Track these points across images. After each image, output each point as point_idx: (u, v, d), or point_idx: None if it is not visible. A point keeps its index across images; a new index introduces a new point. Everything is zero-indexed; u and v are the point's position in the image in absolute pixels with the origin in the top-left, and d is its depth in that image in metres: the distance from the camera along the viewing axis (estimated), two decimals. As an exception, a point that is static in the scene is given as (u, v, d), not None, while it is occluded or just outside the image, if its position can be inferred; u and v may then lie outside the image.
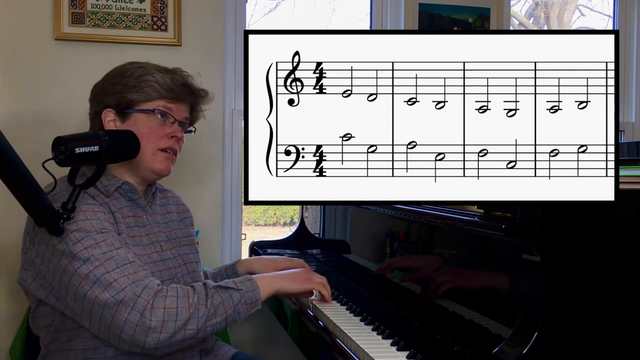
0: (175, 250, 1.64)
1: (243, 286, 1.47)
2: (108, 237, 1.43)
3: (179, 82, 1.63)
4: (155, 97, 1.59)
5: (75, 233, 1.41)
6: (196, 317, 1.39)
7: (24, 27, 2.28)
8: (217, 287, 1.44)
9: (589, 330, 1.09)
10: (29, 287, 1.52)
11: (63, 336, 1.49)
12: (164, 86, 1.59)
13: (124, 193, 1.59)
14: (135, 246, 1.53)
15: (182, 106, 1.65)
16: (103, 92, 1.62)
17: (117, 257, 1.40)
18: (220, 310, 1.42)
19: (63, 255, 1.41)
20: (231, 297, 1.44)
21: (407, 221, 1.62)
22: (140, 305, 1.35)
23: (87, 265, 1.38)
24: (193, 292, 1.41)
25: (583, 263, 1.10)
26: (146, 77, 1.59)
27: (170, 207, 1.75)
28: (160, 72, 1.62)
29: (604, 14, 3.35)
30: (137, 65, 1.63)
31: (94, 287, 1.37)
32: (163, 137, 1.60)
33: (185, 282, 1.61)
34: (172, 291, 1.40)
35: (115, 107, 1.59)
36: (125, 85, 1.59)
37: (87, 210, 1.46)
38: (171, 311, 1.36)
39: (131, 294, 1.36)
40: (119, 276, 1.38)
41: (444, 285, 1.42)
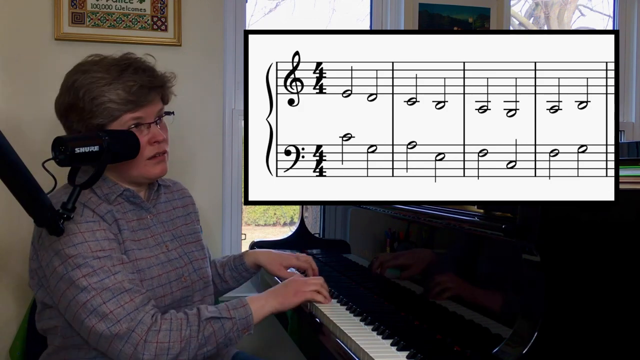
0: (181, 249, 1.64)
1: (236, 314, 1.48)
2: (106, 262, 1.43)
3: (135, 87, 1.50)
4: (119, 115, 1.49)
5: (73, 259, 1.42)
6: (188, 349, 1.42)
7: (24, 27, 2.28)
8: (209, 319, 1.45)
9: (589, 330, 1.09)
10: (36, 295, 1.56)
11: (73, 340, 1.51)
12: (120, 102, 1.49)
13: (127, 198, 1.58)
14: (141, 249, 1.54)
15: (150, 106, 1.55)
16: (67, 116, 1.54)
17: (113, 287, 1.41)
18: (212, 340, 1.45)
19: (62, 280, 1.43)
20: (223, 327, 1.46)
21: (407, 221, 1.62)
22: (134, 340, 1.38)
23: (85, 294, 1.40)
24: (186, 325, 1.43)
25: (583, 263, 1.10)
26: (99, 99, 1.48)
27: (176, 203, 1.74)
28: (109, 84, 1.49)
29: (604, 14, 3.35)
30: (86, 82, 1.50)
31: (90, 316, 1.39)
32: (146, 147, 1.54)
33: (192, 280, 1.62)
34: (166, 324, 1.41)
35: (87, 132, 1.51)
36: (83, 110, 1.49)
37: (86, 230, 1.46)
38: (163, 345, 1.39)
39: (125, 328, 1.38)
40: (114, 307, 1.39)
41: (444, 285, 1.42)
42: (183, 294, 1.59)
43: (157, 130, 1.57)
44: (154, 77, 1.57)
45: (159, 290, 1.52)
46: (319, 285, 1.64)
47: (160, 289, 1.53)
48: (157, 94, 1.58)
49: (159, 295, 1.52)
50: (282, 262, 1.85)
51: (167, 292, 1.54)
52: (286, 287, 1.62)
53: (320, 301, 1.62)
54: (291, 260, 1.86)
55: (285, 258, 1.87)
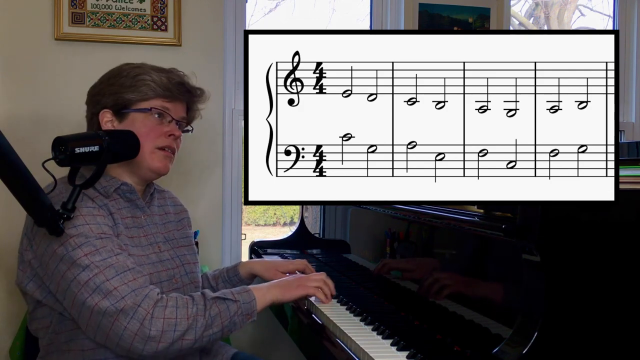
0: (173, 252, 1.65)
1: (240, 297, 1.48)
2: (107, 243, 1.44)
3: (175, 80, 1.63)
4: (151, 96, 1.59)
5: (74, 238, 1.42)
6: (194, 327, 1.40)
7: (24, 27, 2.28)
8: (215, 298, 1.45)
9: (589, 330, 1.09)
10: (26, 289, 1.53)
11: (62, 337, 1.49)
12: (160, 85, 1.60)
13: (123, 194, 1.59)
14: (134, 247, 1.54)
15: (179, 105, 1.65)
16: (99, 93, 1.61)
17: (117, 265, 1.41)
18: (217, 321, 1.43)
19: (62, 261, 1.42)
20: (228, 309, 1.45)
21: (407, 221, 1.62)
22: (141, 315, 1.36)
23: (87, 273, 1.39)
24: (192, 303, 1.42)
25: (583, 263, 1.10)
26: (142, 76, 1.59)
27: (168, 208, 1.75)
28: (156, 71, 1.62)
29: (604, 14, 3.35)
30: (133, 66, 1.63)
31: (93, 294, 1.38)
32: (161, 136, 1.60)
33: (183, 282, 1.62)
34: (172, 301, 1.41)
35: (112, 107, 1.59)
36: (121, 85, 1.59)
37: (87, 214, 1.46)
38: (170, 321, 1.38)
39: (131, 303, 1.37)
40: (118, 284, 1.38)
41: (444, 285, 1.42)
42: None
43: (177, 128, 1.64)
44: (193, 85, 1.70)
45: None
46: (322, 281, 1.64)
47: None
48: (188, 100, 1.69)
49: None
50: (278, 268, 1.84)
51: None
52: (289, 280, 1.63)
53: (320, 298, 1.62)
54: (287, 266, 1.86)
55: (280, 264, 1.87)
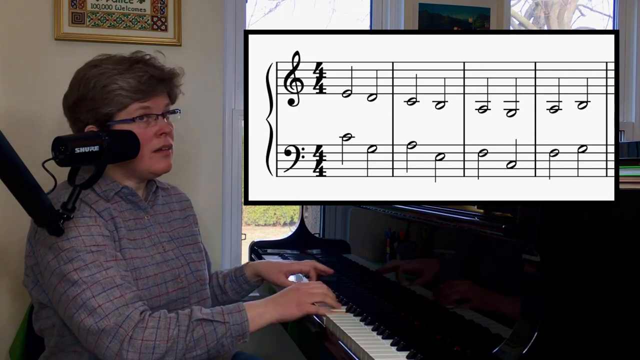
0: (177, 250, 1.64)
1: (231, 319, 1.42)
2: (98, 257, 1.43)
3: (145, 77, 1.54)
4: (128, 103, 1.53)
5: (66, 252, 1.42)
6: (174, 350, 1.37)
7: (24, 27, 2.28)
8: (200, 320, 1.40)
9: (589, 330, 1.09)
10: (31, 292, 1.55)
11: (67, 340, 1.51)
12: (131, 90, 1.52)
13: (124, 197, 1.58)
14: (137, 249, 1.54)
15: (158, 98, 1.58)
16: (75, 109, 1.56)
17: (104, 281, 1.40)
18: (202, 344, 1.39)
19: (54, 274, 1.43)
20: (215, 331, 1.40)
21: (407, 221, 1.62)
22: (121, 336, 1.35)
23: (75, 288, 1.39)
24: (175, 324, 1.38)
25: (583, 263, 1.10)
26: (110, 86, 1.52)
27: (173, 206, 1.74)
28: (120, 73, 1.53)
29: (604, 14, 3.35)
30: (97, 73, 1.54)
31: (79, 310, 1.38)
32: (152, 139, 1.56)
33: (189, 281, 1.62)
34: (153, 322, 1.38)
35: (94, 123, 1.54)
36: (93, 99, 1.52)
37: (81, 225, 1.45)
38: (149, 344, 1.35)
39: (112, 323, 1.36)
40: (103, 301, 1.38)
41: (444, 285, 1.42)
42: (179, 294, 1.58)
43: (164, 122, 1.59)
44: (164, 70, 1.61)
45: (154, 290, 1.52)
46: (324, 294, 1.55)
47: (156, 288, 1.52)
48: (165, 88, 1.61)
49: (154, 294, 1.52)
50: (282, 269, 1.79)
51: (162, 292, 1.54)
52: (287, 296, 1.52)
53: (325, 314, 1.53)
54: (291, 266, 1.82)
55: (285, 265, 1.82)
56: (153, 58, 1.61)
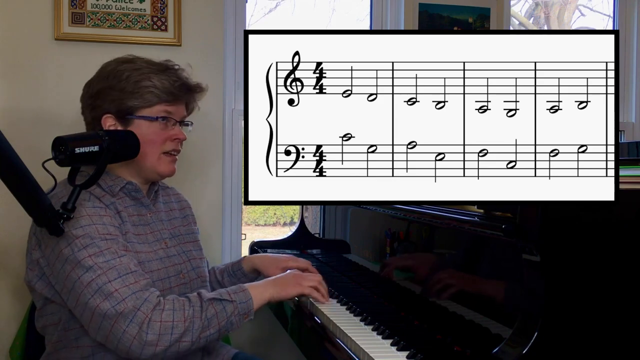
0: (179, 247, 1.67)
1: (237, 297, 1.48)
2: (112, 245, 1.44)
3: (178, 83, 1.62)
4: (155, 103, 1.58)
5: (80, 239, 1.43)
6: (191, 330, 1.40)
7: (24, 27, 2.28)
8: (211, 300, 1.45)
9: (589, 330, 1.09)
10: (35, 287, 1.54)
11: (71, 334, 1.51)
12: (163, 90, 1.58)
13: (128, 192, 1.60)
14: (141, 244, 1.56)
15: (180, 106, 1.65)
16: (99, 97, 1.59)
17: (119, 266, 1.42)
18: (214, 322, 1.44)
19: (67, 262, 1.43)
20: (225, 309, 1.45)
21: (407, 221, 1.62)
22: (139, 319, 1.37)
23: (90, 274, 1.40)
24: (189, 305, 1.42)
25: (583, 263, 1.10)
26: (144, 82, 1.57)
27: (173, 205, 1.77)
28: (155, 73, 1.59)
29: (604, 14, 3.35)
30: (131, 67, 1.59)
31: (95, 295, 1.39)
32: (167, 141, 1.61)
33: (190, 277, 1.64)
34: (169, 304, 1.41)
35: (115, 113, 1.57)
36: (122, 90, 1.56)
37: (93, 214, 1.47)
38: (167, 325, 1.38)
39: (131, 306, 1.37)
40: (120, 286, 1.39)
41: (444, 285, 1.42)
42: (181, 290, 1.60)
43: (180, 130, 1.65)
44: (192, 82, 1.68)
45: (158, 285, 1.53)
46: (318, 282, 1.64)
47: (160, 283, 1.54)
48: (189, 99, 1.68)
49: (158, 289, 1.52)
50: (278, 264, 1.83)
51: (165, 287, 1.55)
52: (285, 277, 1.63)
53: (317, 298, 1.62)
54: (288, 262, 1.85)
55: (281, 260, 1.86)
56: (182, 69, 1.67)
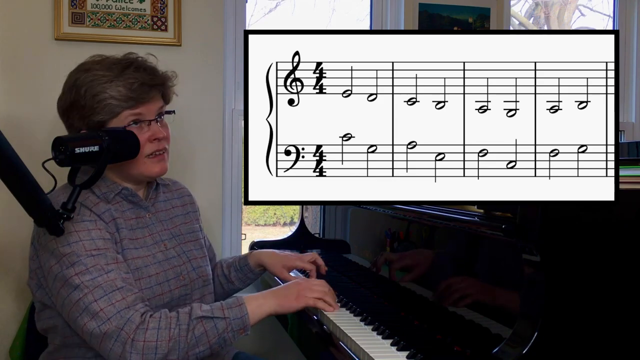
0: (179, 248, 1.65)
1: (231, 313, 1.43)
2: (99, 260, 1.43)
3: (135, 85, 1.52)
4: (119, 112, 1.51)
5: (67, 257, 1.43)
6: (177, 349, 1.38)
7: (24, 27, 2.28)
8: (200, 318, 1.41)
9: (589, 330, 1.09)
10: (36, 294, 1.55)
11: (72, 340, 1.52)
12: (121, 98, 1.51)
13: (125, 197, 1.59)
14: (139, 248, 1.54)
15: (150, 103, 1.56)
16: (69, 114, 1.55)
17: (105, 284, 1.41)
18: (203, 340, 1.40)
19: (56, 279, 1.44)
20: (216, 327, 1.41)
21: (407, 221, 1.62)
22: (123, 338, 1.37)
23: (77, 292, 1.40)
24: (175, 323, 1.39)
25: (583, 263, 1.10)
26: (100, 95, 1.50)
27: (175, 202, 1.74)
28: (110, 81, 1.51)
29: (604, 14, 3.35)
30: (87, 80, 1.52)
31: (82, 314, 1.39)
32: (145, 144, 1.54)
33: (191, 278, 1.62)
34: (154, 322, 1.39)
35: (88, 130, 1.53)
36: (84, 107, 1.51)
37: (81, 229, 1.46)
38: (150, 345, 1.37)
39: (114, 327, 1.37)
40: (105, 305, 1.39)
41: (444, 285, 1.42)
42: (182, 292, 1.59)
43: (158, 127, 1.58)
44: (155, 75, 1.59)
45: (156, 289, 1.53)
46: (324, 292, 1.56)
47: (158, 287, 1.53)
48: (158, 92, 1.60)
49: (157, 293, 1.53)
50: (285, 263, 1.80)
51: (165, 290, 1.54)
52: (288, 288, 1.54)
53: (323, 308, 1.55)
54: (294, 262, 1.82)
55: (288, 259, 1.82)
56: (144, 60, 1.59)
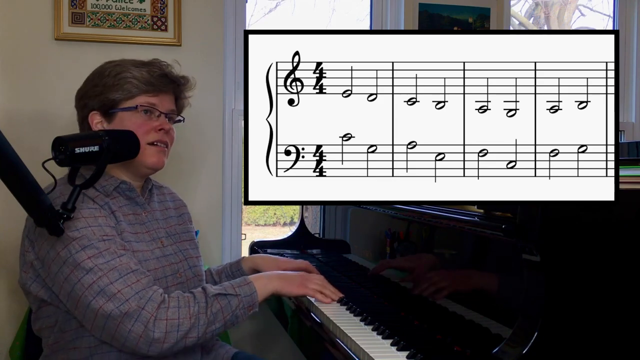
0: (175, 246, 1.66)
1: (241, 291, 1.49)
2: (110, 245, 1.44)
3: (157, 73, 1.62)
4: (136, 94, 1.59)
5: (77, 241, 1.42)
6: (197, 325, 1.42)
7: (24, 27, 2.28)
8: (216, 295, 1.46)
9: (589, 330, 1.09)
10: (30, 289, 1.53)
11: (68, 335, 1.50)
12: (142, 80, 1.59)
13: (122, 192, 1.60)
14: (138, 242, 1.55)
15: (165, 98, 1.64)
16: (85, 96, 1.62)
17: (120, 267, 1.42)
18: (220, 317, 1.45)
19: (65, 264, 1.42)
20: (230, 303, 1.47)
21: (407, 221, 1.62)
22: (145, 318, 1.38)
23: (91, 275, 1.40)
24: (194, 301, 1.43)
25: (583, 263, 1.10)
26: (123, 74, 1.59)
27: (168, 204, 1.77)
28: (136, 66, 1.61)
29: (604, 14, 3.35)
30: (114, 64, 1.62)
31: (97, 297, 1.39)
32: (150, 131, 1.59)
33: (187, 277, 1.64)
34: (174, 301, 1.42)
35: (99, 109, 1.59)
36: (104, 85, 1.59)
37: (89, 216, 1.47)
38: (173, 322, 1.39)
39: (135, 306, 1.38)
40: (122, 287, 1.39)
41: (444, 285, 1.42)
42: (178, 289, 1.59)
43: (165, 121, 1.63)
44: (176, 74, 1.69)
45: (155, 284, 1.52)
46: (322, 286, 1.65)
47: (157, 282, 1.53)
48: (174, 91, 1.68)
49: None
50: (280, 266, 1.84)
51: (162, 286, 1.55)
52: (292, 275, 1.64)
53: (320, 300, 1.63)
54: (287, 264, 1.86)
55: (281, 262, 1.87)
56: (168, 64, 1.68)
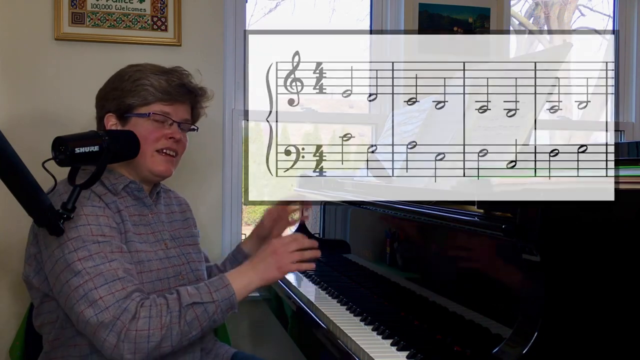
0: (179, 249, 1.67)
1: (219, 296, 1.47)
2: (104, 248, 1.44)
3: (175, 83, 1.63)
4: (151, 101, 1.60)
5: (72, 241, 1.43)
6: (170, 336, 1.40)
7: (24, 27, 2.28)
8: (190, 304, 1.43)
9: (589, 330, 1.09)
10: (33, 282, 1.55)
11: (68, 332, 1.51)
12: (159, 89, 1.60)
13: (131, 192, 1.61)
14: (142, 243, 1.56)
15: (180, 107, 1.65)
16: (104, 97, 1.64)
17: (107, 273, 1.41)
18: (195, 325, 1.43)
19: (57, 263, 1.43)
20: (206, 311, 1.45)
21: (407, 221, 1.62)
22: (118, 328, 1.37)
23: (78, 279, 1.40)
24: (166, 311, 1.41)
25: (583, 263, 1.10)
26: (142, 80, 1.60)
27: (174, 207, 1.78)
28: (156, 74, 1.62)
29: (604, 14, 3.35)
30: (134, 69, 1.63)
31: (80, 301, 1.39)
32: (160, 139, 1.61)
33: (189, 279, 1.64)
34: (145, 311, 1.40)
35: (115, 112, 1.61)
36: (123, 90, 1.60)
37: (90, 214, 1.47)
38: (143, 334, 1.38)
39: (111, 316, 1.38)
40: (105, 294, 1.39)
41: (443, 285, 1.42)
42: None
43: (178, 130, 1.64)
44: (194, 85, 1.69)
45: (157, 284, 1.54)
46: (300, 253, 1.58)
47: (159, 282, 1.55)
48: (191, 101, 1.69)
49: (157, 288, 1.53)
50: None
51: (164, 287, 1.55)
52: (265, 260, 1.56)
53: (307, 269, 1.61)
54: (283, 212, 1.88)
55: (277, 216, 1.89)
56: (188, 74, 1.69)
